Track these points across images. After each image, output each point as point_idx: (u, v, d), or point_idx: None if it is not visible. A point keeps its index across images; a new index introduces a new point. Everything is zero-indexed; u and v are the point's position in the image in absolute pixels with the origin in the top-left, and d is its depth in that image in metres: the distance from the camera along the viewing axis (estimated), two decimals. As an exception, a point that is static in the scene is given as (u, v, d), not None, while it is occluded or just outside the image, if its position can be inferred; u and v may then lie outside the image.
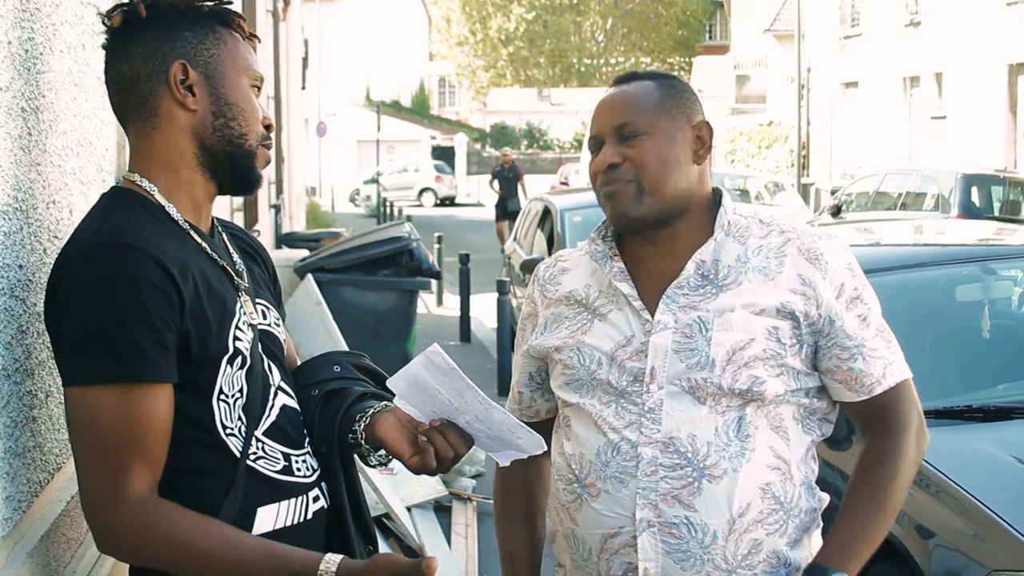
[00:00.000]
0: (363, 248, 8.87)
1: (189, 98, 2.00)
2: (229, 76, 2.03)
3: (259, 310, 2.12)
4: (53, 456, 2.32)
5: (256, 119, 2.06)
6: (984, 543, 3.58)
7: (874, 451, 2.29)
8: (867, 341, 2.25)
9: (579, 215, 10.62)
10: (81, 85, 2.59)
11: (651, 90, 2.29)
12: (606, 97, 2.33)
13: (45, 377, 2.25)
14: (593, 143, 2.31)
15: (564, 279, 2.39)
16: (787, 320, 2.21)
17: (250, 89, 2.07)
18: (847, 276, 2.27)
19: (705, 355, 2.18)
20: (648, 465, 2.18)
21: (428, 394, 1.99)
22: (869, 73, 28.82)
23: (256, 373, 2.03)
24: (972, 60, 23.83)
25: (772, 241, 2.28)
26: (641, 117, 2.25)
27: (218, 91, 2.02)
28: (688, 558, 2.16)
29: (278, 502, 2.03)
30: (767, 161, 33.78)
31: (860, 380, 2.25)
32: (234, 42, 2.06)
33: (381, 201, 31.73)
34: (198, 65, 2.01)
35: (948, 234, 6.34)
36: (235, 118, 2.03)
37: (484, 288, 14.91)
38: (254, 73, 2.09)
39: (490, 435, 2.02)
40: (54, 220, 2.35)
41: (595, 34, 64.13)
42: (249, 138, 2.05)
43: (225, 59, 2.04)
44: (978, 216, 14.37)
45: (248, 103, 2.05)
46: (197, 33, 2.02)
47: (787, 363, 2.21)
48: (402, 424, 2.05)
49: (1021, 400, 4.37)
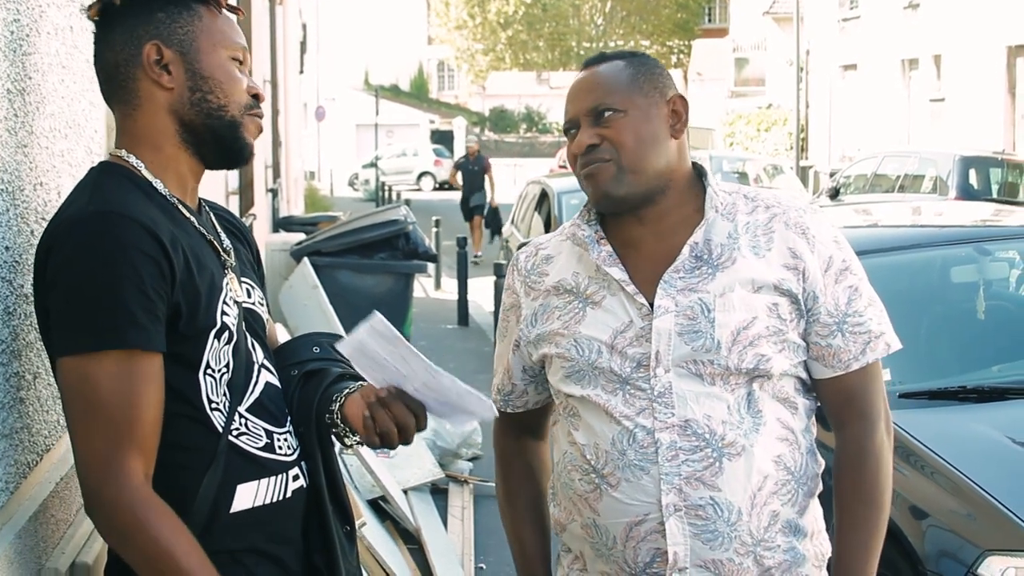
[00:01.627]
0: (359, 231, 8.87)
1: (164, 76, 2.02)
2: (204, 50, 2.04)
3: (244, 288, 2.12)
4: (42, 437, 2.32)
5: (236, 89, 2.07)
6: (977, 523, 3.58)
7: (854, 448, 2.31)
8: (849, 317, 2.26)
9: (576, 198, 10.61)
10: (69, 67, 2.58)
11: (621, 69, 2.28)
12: (577, 81, 2.32)
13: (33, 358, 2.25)
14: (569, 127, 2.30)
15: (550, 268, 2.36)
16: (785, 296, 2.22)
17: (229, 61, 2.07)
18: (834, 248, 2.27)
19: (710, 337, 2.18)
20: (668, 450, 2.18)
21: (376, 361, 1.98)
22: (868, 56, 28.76)
23: (241, 349, 2.04)
24: (971, 42, 23.77)
25: (759, 217, 2.28)
26: (614, 96, 2.24)
27: (193, 66, 2.03)
28: (716, 537, 2.18)
29: (258, 479, 2.02)
30: (766, 144, 33.74)
31: (837, 356, 2.26)
32: (211, 16, 2.07)
33: (380, 185, 31.71)
34: (172, 43, 2.03)
35: (945, 216, 6.33)
36: (211, 91, 2.04)
37: (482, 272, 14.92)
38: (233, 45, 2.09)
39: (439, 400, 2.00)
40: (41, 202, 2.35)
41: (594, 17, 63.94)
42: (230, 108, 2.06)
43: (199, 34, 2.04)
44: (976, 198, 14.36)
45: (225, 74, 2.06)
46: (170, 13, 2.03)
47: (788, 338, 2.22)
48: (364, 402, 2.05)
49: (1015, 381, 4.38)
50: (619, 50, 2.43)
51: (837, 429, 2.34)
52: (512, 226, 12.50)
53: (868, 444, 2.29)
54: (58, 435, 2.44)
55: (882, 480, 2.30)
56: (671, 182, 2.27)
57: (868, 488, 2.29)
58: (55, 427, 2.42)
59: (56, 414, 2.40)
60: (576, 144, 2.26)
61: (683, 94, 2.32)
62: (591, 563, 2.32)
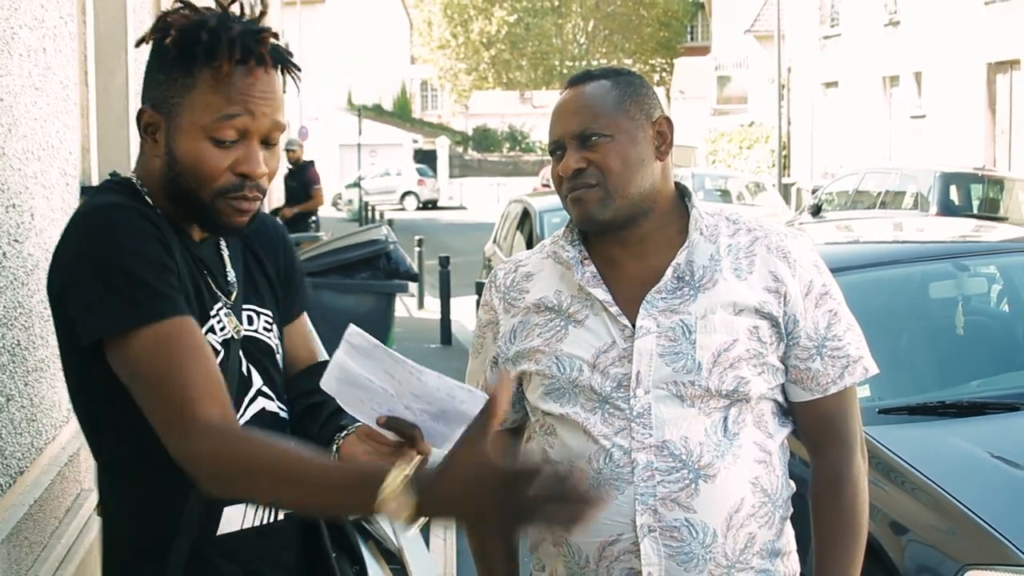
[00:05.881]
0: (341, 251, 8.85)
1: (150, 144, 1.96)
2: (183, 129, 1.93)
3: (245, 317, 2.07)
4: (15, 460, 2.31)
5: (206, 176, 1.93)
6: (957, 538, 3.58)
7: (832, 474, 2.32)
8: (828, 341, 2.27)
9: (558, 216, 10.62)
10: (42, 89, 2.57)
11: (608, 90, 2.26)
12: (563, 101, 2.30)
13: (6, 380, 2.24)
14: (555, 148, 2.29)
15: (530, 286, 2.35)
16: (766, 319, 2.22)
17: (205, 142, 1.92)
18: (815, 273, 2.28)
19: (691, 358, 2.18)
20: (644, 470, 2.17)
21: (361, 387, 1.93)
22: (849, 73, 28.89)
23: (231, 369, 1.99)
24: (951, 59, 23.90)
25: (740, 240, 2.28)
26: (601, 120, 2.22)
27: (170, 144, 1.94)
28: (691, 559, 2.17)
29: (245, 503, 1.99)
30: (748, 161, 33.83)
31: (816, 379, 2.27)
32: (206, 86, 1.91)
33: (363, 205, 31.70)
34: (163, 112, 1.94)
35: (925, 231, 6.36)
36: (181, 174, 1.94)
37: (465, 291, 14.90)
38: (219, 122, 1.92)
39: (433, 412, 1.94)
40: (14, 224, 2.34)
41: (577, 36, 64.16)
42: (200, 194, 1.94)
43: (185, 109, 1.93)
44: (957, 214, 14.39)
45: (196, 159, 1.93)
46: (169, 76, 1.93)
47: (768, 361, 2.23)
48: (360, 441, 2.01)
49: (994, 396, 4.38)
50: (605, 68, 2.40)
51: (814, 454, 2.35)
52: (494, 245, 12.50)
53: (846, 471, 2.31)
54: (32, 457, 2.42)
55: (859, 505, 2.31)
56: (655, 204, 2.27)
57: (847, 515, 2.30)
58: (28, 449, 2.41)
59: (30, 436, 2.39)
60: (563, 167, 2.25)
61: (668, 115, 2.32)
62: None
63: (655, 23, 61.31)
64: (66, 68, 2.05)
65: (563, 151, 2.26)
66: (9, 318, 2.39)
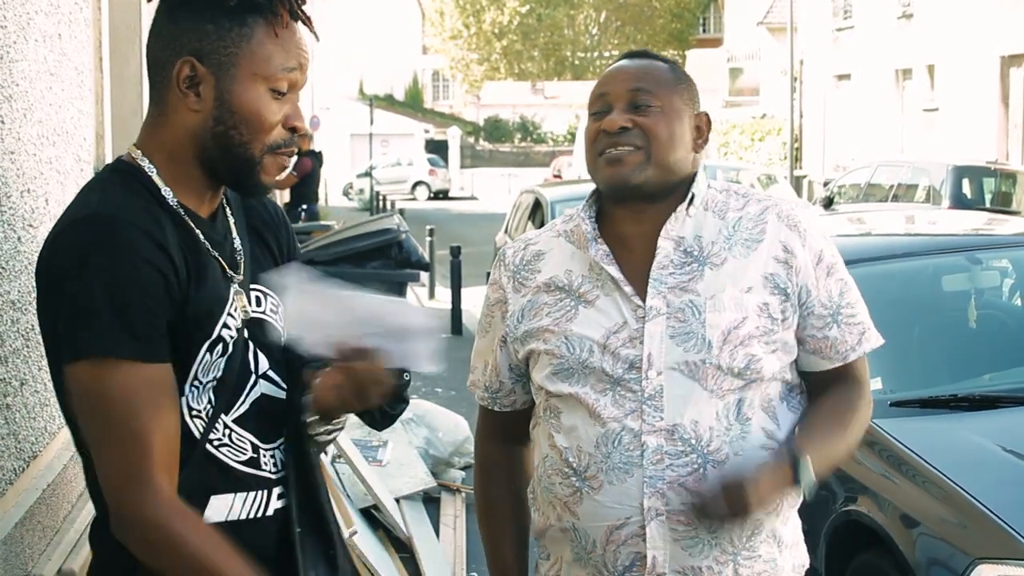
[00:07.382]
0: (352, 240, 8.84)
1: (191, 98, 1.91)
2: (240, 79, 1.90)
3: (254, 297, 2.05)
4: (28, 444, 2.31)
5: (264, 128, 1.93)
6: (968, 532, 3.58)
7: (837, 391, 2.31)
8: (843, 309, 2.28)
9: (569, 206, 10.59)
10: (57, 74, 2.58)
11: (666, 70, 2.31)
12: (619, 66, 2.33)
13: (20, 365, 2.24)
14: (600, 105, 2.28)
15: (542, 265, 2.34)
16: (776, 295, 2.22)
17: (266, 95, 1.92)
18: (824, 244, 2.29)
19: (701, 337, 2.18)
20: (654, 454, 2.17)
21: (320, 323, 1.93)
22: (861, 65, 28.81)
23: (235, 360, 1.97)
24: (964, 52, 23.82)
25: (751, 210, 2.29)
26: (658, 88, 2.26)
27: (224, 96, 1.90)
28: (696, 544, 2.18)
29: (234, 492, 1.97)
30: (760, 154, 33.77)
31: (835, 347, 2.28)
32: (263, 35, 1.91)
33: (374, 195, 31.72)
34: (211, 64, 1.90)
35: (937, 224, 6.34)
36: (236, 127, 1.91)
37: (476, 281, 14.88)
38: (278, 73, 1.93)
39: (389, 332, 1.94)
40: (28, 209, 2.34)
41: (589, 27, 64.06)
42: (252, 147, 1.93)
43: (242, 60, 1.90)
44: (969, 207, 14.37)
45: (254, 112, 1.91)
46: (220, 26, 1.89)
47: (779, 338, 2.23)
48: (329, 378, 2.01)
49: (1007, 389, 4.37)
50: (662, 55, 2.42)
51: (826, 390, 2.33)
52: (506, 235, 12.49)
53: (853, 393, 2.30)
54: (45, 442, 2.43)
55: (856, 416, 2.29)
56: (679, 187, 2.28)
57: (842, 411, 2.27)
58: (42, 434, 2.41)
59: (43, 420, 2.40)
60: (608, 122, 2.24)
61: None
62: (570, 568, 2.30)
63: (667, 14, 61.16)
64: (81, 54, 2.05)
65: (606, 112, 2.26)
66: (24, 303, 2.39)
